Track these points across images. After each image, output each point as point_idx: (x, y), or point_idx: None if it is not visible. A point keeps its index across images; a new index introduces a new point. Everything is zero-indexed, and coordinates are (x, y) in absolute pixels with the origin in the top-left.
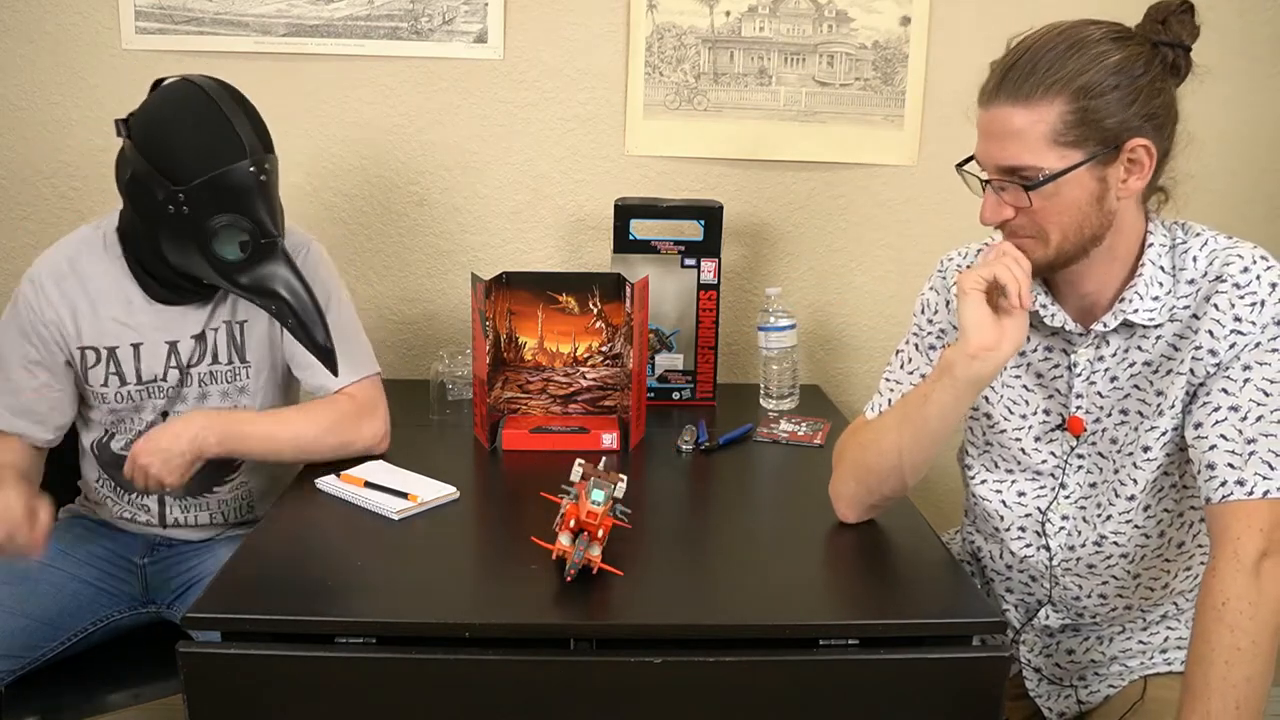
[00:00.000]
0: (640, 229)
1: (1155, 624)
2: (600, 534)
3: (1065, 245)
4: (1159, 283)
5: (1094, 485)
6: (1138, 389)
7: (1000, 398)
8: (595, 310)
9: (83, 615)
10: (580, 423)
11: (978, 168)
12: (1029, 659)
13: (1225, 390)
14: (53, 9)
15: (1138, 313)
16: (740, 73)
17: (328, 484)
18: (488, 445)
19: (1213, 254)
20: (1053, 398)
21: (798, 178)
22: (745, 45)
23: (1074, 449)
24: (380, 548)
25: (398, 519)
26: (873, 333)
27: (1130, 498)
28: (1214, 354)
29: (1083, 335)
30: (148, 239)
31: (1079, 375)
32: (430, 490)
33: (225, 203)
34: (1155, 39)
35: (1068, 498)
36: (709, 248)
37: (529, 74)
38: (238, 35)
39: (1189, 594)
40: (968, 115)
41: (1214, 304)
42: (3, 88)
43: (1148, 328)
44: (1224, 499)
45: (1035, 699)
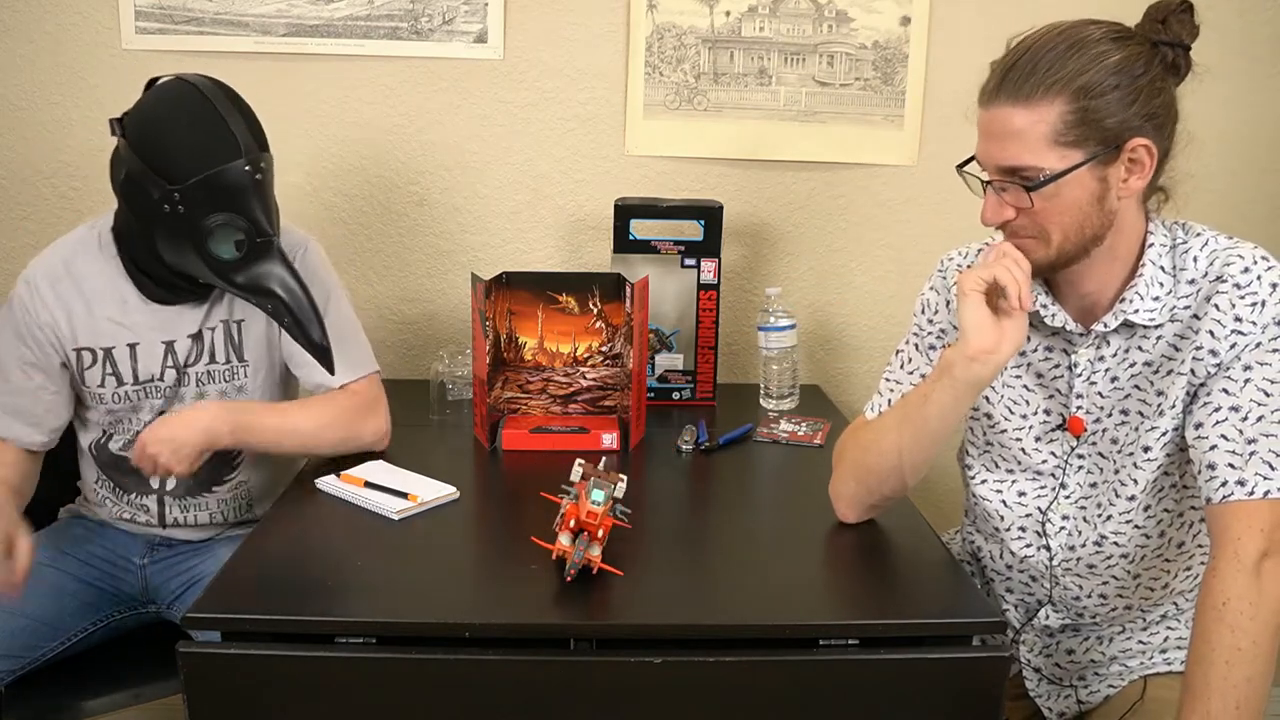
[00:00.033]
0: (640, 229)
1: (1155, 624)
2: (600, 534)
3: (1066, 245)
4: (1159, 283)
5: (1094, 485)
6: (1138, 389)
7: (1001, 398)
8: (595, 310)
9: (83, 615)
10: (580, 423)
11: (978, 168)
12: (1029, 659)
13: (1226, 390)
14: (53, 9)
15: (1138, 313)
16: (740, 73)
17: (328, 484)
18: (488, 445)
19: (1213, 254)
20: (1053, 398)
21: (798, 178)
22: (745, 45)
23: (1074, 449)
24: (380, 548)
25: (398, 519)
26: (873, 333)
27: (1130, 498)
28: (1215, 354)
29: (1083, 335)
30: (143, 238)
31: (1079, 375)
32: (430, 490)
33: (221, 202)
34: (1155, 38)
35: (1068, 498)
36: (709, 248)
37: (529, 74)
38: (238, 35)
39: (1189, 594)
40: (968, 115)
41: (1215, 304)
42: (3, 88)
43: (1148, 328)
44: (1224, 499)
45: (1035, 699)
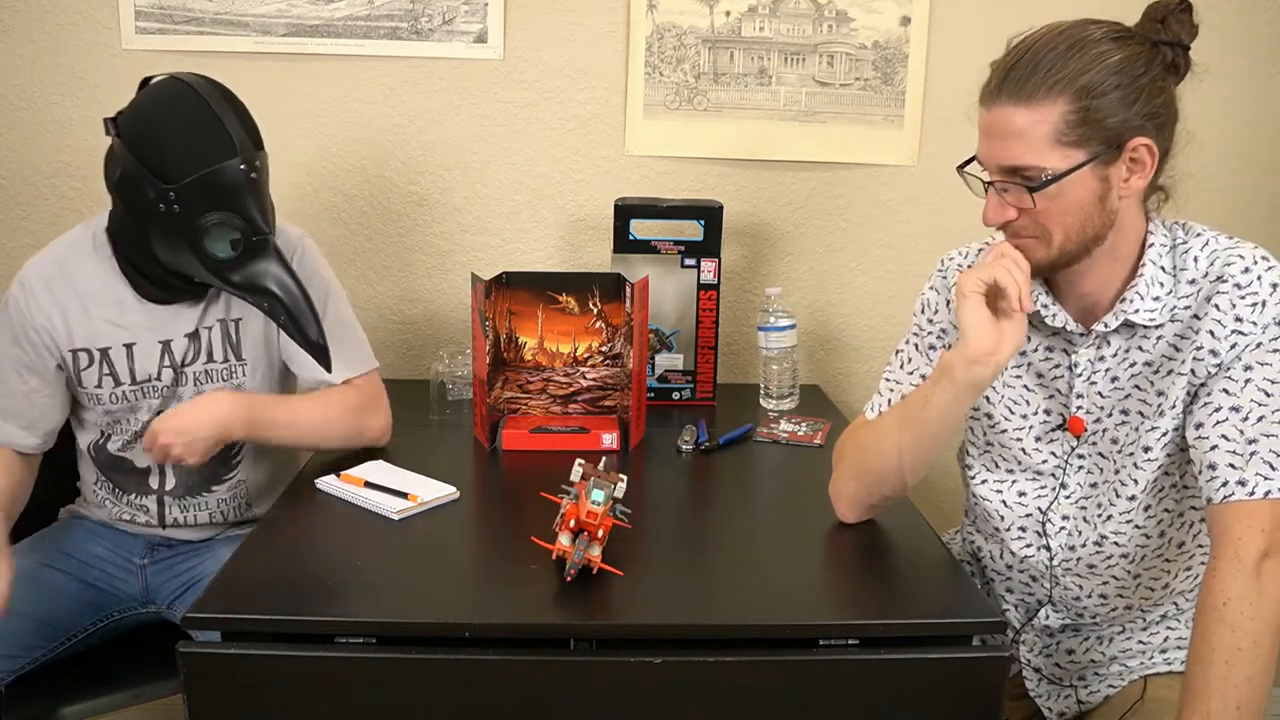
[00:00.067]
0: (640, 229)
1: (1155, 624)
2: (600, 534)
3: (1068, 245)
4: (1160, 283)
5: (1094, 485)
6: (1138, 389)
7: (1001, 398)
8: (595, 310)
9: (83, 615)
10: (580, 423)
11: (978, 168)
12: (1029, 659)
13: (1226, 390)
14: (53, 9)
15: (1138, 313)
16: (740, 73)
17: (328, 484)
18: (488, 445)
19: (1213, 254)
20: (1053, 398)
21: (798, 178)
22: (745, 45)
23: (1074, 449)
24: (380, 548)
25: (398, 519)
26: (873, 333)
27: (1131, 498)
28: (1215, 354)
29: (1084, 335)
30: (138, 238)
31: (1080, 375)
32: (430, 490)
33: (216, 201)
34: (1154, 38)
35: (1068, 498)
36: (709, 248)
37: (529, 74)
38: (238, 35)
39: (1189, 594)
40: (968, 115)
41: (1215, 304)
42: (3, 88)
43: (1148, 328)
44: (1225, 499)
45: (1035, 699)
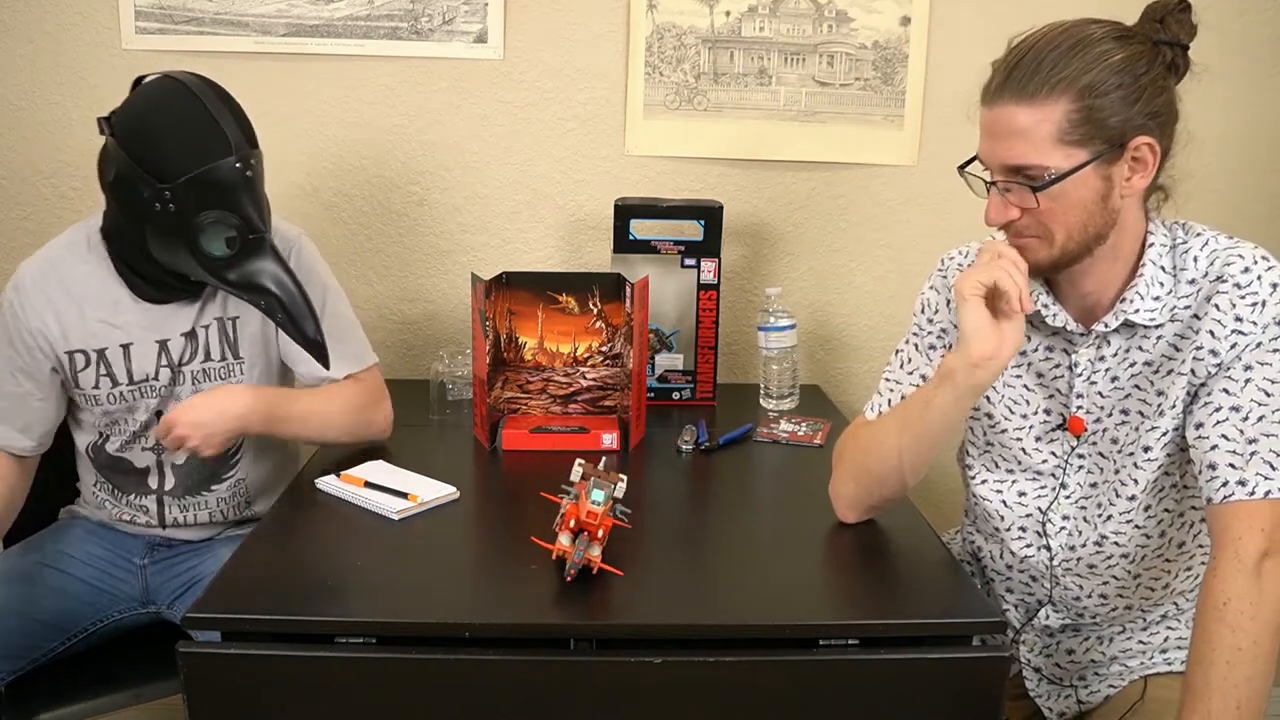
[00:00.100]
0: (640, 229)
1: (1155, 624)
2: (600, 534)
3: (1070, 245)
4: (1160, 283)
5: (1094, 485)
6: (1138, 389)
7: (1001, 398)
8: (595, 310)
9: (83, 615)
10: (580, 423)
11: (979, 168)
12: (1029, 659)
13: (1226, 390)
14: (53, 9)
15: (1139, 313)
16: (740, 73)
17: (328, 484)
18: (488, 445)
19: (1213, 254)
20: (1053, 398)
21: (798, 178)
22: (745, 45)
23: (1074, 449)
24: (380, 548)
25: (398, 519)
26: (873, 333)
27: (1131, 498)
28: (1215, 354)
29: (1084, 335)
30: (133, 237)
31: (1080, 375)
32: (430, 490)
33: (211, 199)
34: (1154, 38)
35: (1068, 498)
36: (709, 248)
37: (529, 74)
38: (238, 35)
39: (1189, 594)
40: (968, 115)
41: (1215, 304)
42: (3, 88)
43: (1149, 328)
44: (1225, 499)
45: (1035, 699)
